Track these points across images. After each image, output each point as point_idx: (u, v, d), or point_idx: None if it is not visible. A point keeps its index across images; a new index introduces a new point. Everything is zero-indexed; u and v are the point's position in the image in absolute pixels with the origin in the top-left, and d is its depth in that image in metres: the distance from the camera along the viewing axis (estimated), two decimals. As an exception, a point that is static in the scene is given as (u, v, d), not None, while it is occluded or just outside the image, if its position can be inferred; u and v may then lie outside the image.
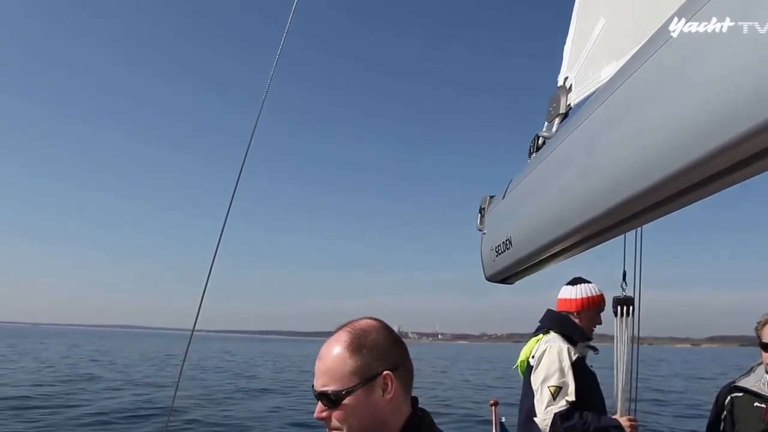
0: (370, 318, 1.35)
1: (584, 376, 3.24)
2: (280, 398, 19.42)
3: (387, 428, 1.27)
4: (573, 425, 3.04)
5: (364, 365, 1.24)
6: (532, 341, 3.42)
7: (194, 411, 14.59)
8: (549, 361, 3.16)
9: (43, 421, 12.64)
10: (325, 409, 1.26)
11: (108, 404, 15.55)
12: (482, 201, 2.26)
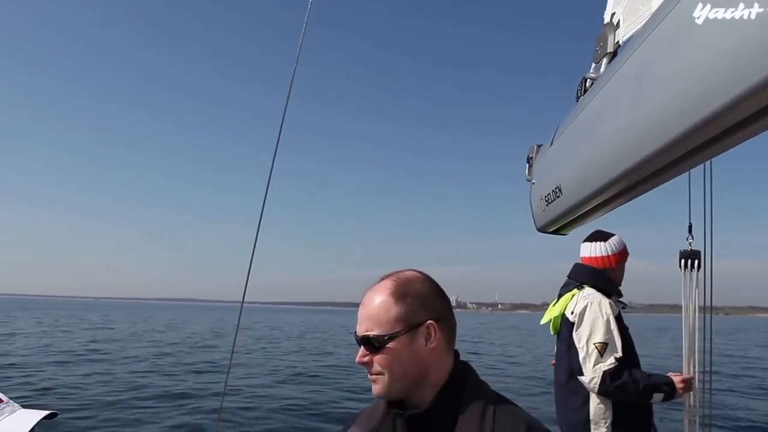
0: (414, 270, 1.35)
1: (625, 332, 3.17)
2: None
3: (429, 378, 1.28)
4: (623, 383, 2.96)
5: (408, 312, 1.26)
6: (566, 297, 3.32)
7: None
8: (593, 317, 3.08)
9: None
10: (367, 353, 1.28)
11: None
12: (530, 150, 2.22)
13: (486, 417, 1.22)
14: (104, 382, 14.45)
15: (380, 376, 1.28)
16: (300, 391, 14.08)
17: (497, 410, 1.23)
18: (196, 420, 10.10)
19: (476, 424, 1.21)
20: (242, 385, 14.34)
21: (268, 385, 15.09)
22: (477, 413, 1.23)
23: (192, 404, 11.71)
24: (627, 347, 3.10)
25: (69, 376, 15.21)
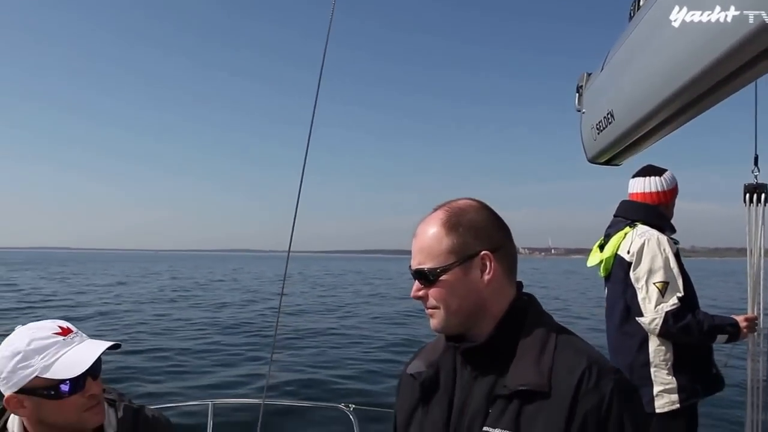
0: (469, 198, 1.31)
1: (684, 270, 3.04)
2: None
3: (487, 310, 1.24)
4: (687, 324, 2.84)
5: (460, 244, 1.23)
6: (618, 236, 3.16)
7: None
8: (651, 255, 2.93)
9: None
10: (421, 287, 1.26)
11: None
12: (579, 79, 2.14)
13: (546, 350, 1.18)
14: (184, 324, 16.76)
15: (436, 310, 1.25)
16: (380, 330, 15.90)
17: (559, 344, 1.19)
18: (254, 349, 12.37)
19: (534, 357, 1.17)
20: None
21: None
22: (536, 346, 1.19)
23: (253, 336, 14.36)
24: (687, 286, 2.96)
25: (158, 320, 17.57)
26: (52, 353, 1.40)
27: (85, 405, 1.44)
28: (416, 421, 1.31)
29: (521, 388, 1.14)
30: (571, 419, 1.09)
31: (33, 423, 1.46)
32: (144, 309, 20.93)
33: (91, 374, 1.44)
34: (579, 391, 1.11)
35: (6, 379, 1.39)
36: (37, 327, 1.46)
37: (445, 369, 1.30)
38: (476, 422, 1.18)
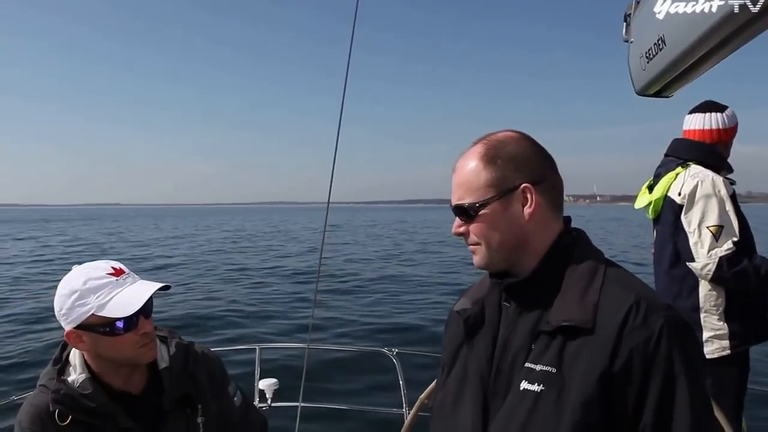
0: (510, 130, 1.26)
1: (740, 212, 2.86)
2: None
3: (530, 245, 1.21)
4: (743, 269, 2.69)
5: (499, 177, 1.19)
6: (669, 176, 2.99)
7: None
8: (705, 197, 2.77)
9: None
10: (462, 223, 1.24)
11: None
12: (627, 8, 2.00)
13: (592, 286, 1.14)
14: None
15: (478, 246, 1.23)
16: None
17: (607, 279, 1.15)
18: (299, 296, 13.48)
19: (579, 292, 1.14)
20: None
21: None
22: (582, 281, 1.15)
23: (297, 284, 15.55)
24: (743, 229, 2.80)
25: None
26: (106, 293, 1.48)
27: (139, 342, 1.53)
28: (461, 358, 1.31)
29: (564, 324, 1.11)
30: (615, 356, 1.05)
31: (92, 357, 1.56)
32: (197, 259, 22.10)
33: (143, 313, 1.52)
34: (625, 327, 1.07)
35: (65, 315, 1.48)
36: (92, 267, 1.53)
37: (490, 306, 1.29)
38: (519, 358, 1.16)
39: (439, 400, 1.35)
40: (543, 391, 1.09)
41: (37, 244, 31.36)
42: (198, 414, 1.65)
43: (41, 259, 22.81)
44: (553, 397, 1.08)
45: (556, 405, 1.07)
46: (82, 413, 1.50)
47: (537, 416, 1.09)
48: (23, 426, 1.51)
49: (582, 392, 1.05)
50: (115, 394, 1.56)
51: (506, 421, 1.13)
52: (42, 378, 1.57)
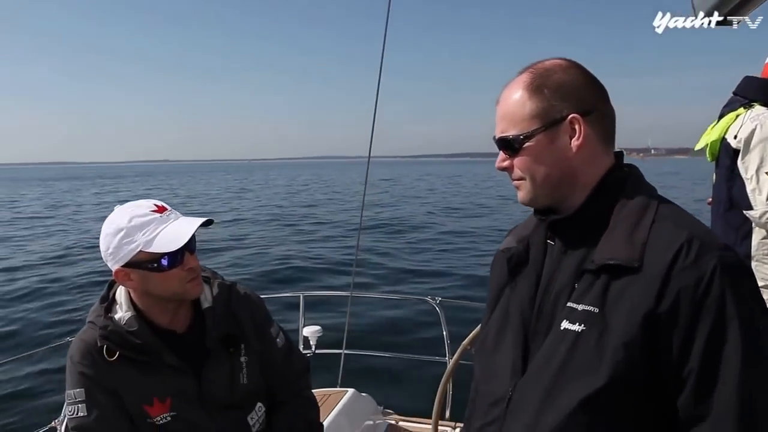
0: (558, 58, 1.18)
1: None
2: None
3: (577, 180, 1.14)
4: None
5: (545, 107, 1.12)
6: (729, 117, 2.82)
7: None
8: (763, 141, 2.60)
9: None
10: (506, 157, 1.18)
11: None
12: None
13: (642, 223, 1.07)
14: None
15: (522, 182, 1.17)
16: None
17: (659, 216, 1.07)
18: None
19: (627, 230, 1.07)
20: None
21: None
22: (631, 219, 1.08)
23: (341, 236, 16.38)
24: None
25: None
26: (152, 229, 1.49)
27: (186, 277, 1.55)
28: (504, 297, 1.28)
29: (609, 262, 1.04)
30: (662, 297, 0.99)
31: (140, 294, 1.58)
32: (246, 209, 22.81)
33: (188, 249, 1.53)
34: (674, 266, 0.99)
35: (112, 254, 1.50)
36: (135, 205, 1.54)
37: (535, 244, 1.25)
38: (561, 298, 1.12)
39: (481, 339, 1.33)
40: (584, 331, 1.04)
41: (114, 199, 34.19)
42: (241, 353, 1.67)
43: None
44: (593, 337, 1.03)
45: (597, 346, 1.02)
46: (129, 349, 1.53)
47: (576, 356, 1.05)
48: (74, 360, 1.55)
49: (624, 333, 1.00)
50: (160, 332, 1.58)
51: (545, 360, 1.10)
52: (90, 315, 1.61)
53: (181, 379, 1.59)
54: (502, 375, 1.19)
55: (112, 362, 1.53)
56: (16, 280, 11.60)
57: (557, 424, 1.05)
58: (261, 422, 1.74)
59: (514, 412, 1.14)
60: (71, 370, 1.55)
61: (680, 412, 1.00)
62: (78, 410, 1.52)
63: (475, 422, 1.27)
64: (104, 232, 1.51)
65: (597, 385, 1.01)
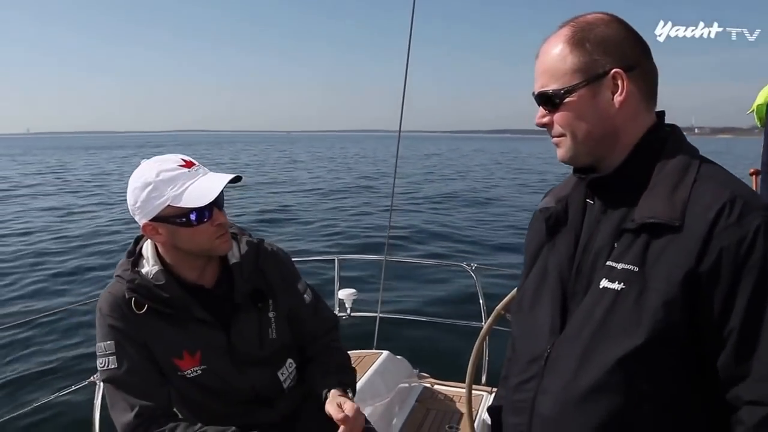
0: (600, 12, 1.13)
1: None
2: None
3: (619, 138, 1.10)
4: None
5: (588, 61, 1.07)
6: None
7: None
8: None
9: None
10: (545, 113, 1.14)
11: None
12: None
13: (683, 182, 1.04)
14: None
15: (562, 138, 1.14)
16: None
17: (700, 176, 1.04)
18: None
19: (668, 188, 1.04)
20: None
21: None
22: (672, 177, 1.05)
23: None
24: None
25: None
26: (180, 184, 1.45)
27: (215, 233, 1.52)
28: (542, 257, 1.25)
29: (650, 221, 1.02)
30: (703, 256, 0.97)
31: (168, 248, 1.56)
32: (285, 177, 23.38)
33: (216, 205, 1.50)
34: (716, 225, 0.97)
35: (140, 208, 1.47)
36: (162, 160, 1.51)
37: (574, 204, 1.23)
38: (600, 257, 1.10)
39: (518, 299, 1.32)
40: (623, 290, 1.03)
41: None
42: (269, 309, 1.65)
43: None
44: (633, 296, 1.01)
45: (636, 304, 1.01)
46: (158, 302, 1.52)
47: (615, 315, 1.03)
48: (103, 313, 1.55)
49: (665, 292, 0.98)
50: (188, 287, 1.57)
51: (584, 318, 1.08)
52: (117, 269, 1.59)
53: (211, 332, 1.58)
54: (540, 333, 1.18)
55: (141, 315, 1.52)
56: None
57: (595, 381, 1.04)
58: (292, 378, 1.73)
59: (551, 369, 1.14)
60: (101, 322, 1.55)
61: (720, 371, 0.99)
62: (108, 362, 1.52)
63: (512, 380, 1.27)
64: (132, 185, 1.48)
65: (636, 343, 1.00)
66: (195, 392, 1.61)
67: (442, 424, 2.97)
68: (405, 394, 3.25)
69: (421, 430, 2.92)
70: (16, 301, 8.03)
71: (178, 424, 1.52)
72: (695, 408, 1.03)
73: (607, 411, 1.04)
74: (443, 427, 2.94)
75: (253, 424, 1.57)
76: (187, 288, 1.56)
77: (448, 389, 3.38)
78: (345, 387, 1.63)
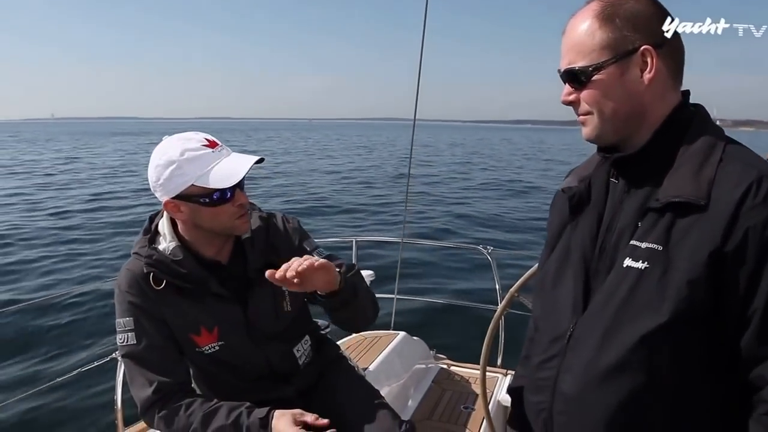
0: None
1: None
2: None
3: (646, 117, 1.08)
4: None
5: (617, 38, 1.04)
6: None
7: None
8: None
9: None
10: (572, 90, 1.11)
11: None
12: None
13: (709, 161, 1.02)
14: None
15: (589, 116, 1.11)
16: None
17: (726, 156, 1.02)
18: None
19: (694, 167, 1.02)
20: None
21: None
22: (698, 157, 1.03)
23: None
24: None
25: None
26: (204, 164, 1.45)
27: (236, 213, 1.51)
28: (564, 236, 1.25)
29: (675, 199, 1.01)
30: (729, 235, 0.95)
31: (189, 227, 1.55)
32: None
33: (238, 185, 1.50)
34: (743, 205, 0.95)
35: (163, 185, 1.46)
36: (186, 138, 1.50)
37: (597, 183, 1.21)
38: (624, 236, 1.09)
39: (540, 278, 1.31)
40: (647, 269, 1.02)
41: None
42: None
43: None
44: (657, 274, 1.00)
45: (660, 283, 0.99)
46: (176, 277, 1.53)
47: (639, 294, 1.02)
48: (122, 289, 1.55)
49: (689, 271, 0.97)
50: (204, 263, 1.57)
51: (607, 297, 1.08)
52: (135, 246, 1.59)
53: (228, 307, 1.58)
54: (563, 312, 1.17)
55: (159, 291, 1.53)
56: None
57: (617, 359, 1.04)
58: (307, 355, 1.73)
59: (574, 348, 1.13)
60: (120, 299, 1.56)
61: (743, 351, 0.98)
62: (128, 338, 1.53)
63: (534, 358, 1.26)
64: (154, 162, 1.46)
65: (659, 321, 0.99)
66: (212, 368, 1.62)
67: (458, 404, 2.96)
68: (421, 375, 3.25)
69: (437, 410, 2.91)
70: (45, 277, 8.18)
71: (195, 400, 1.53)
72: (715, 387, 1.03)
73: (629, 389, 1.03)
74: (458, 408, 2.93)
75: (268, 400, 1.56)
76: (203, 264, 1.56)
77: (464, 371, 3.37)
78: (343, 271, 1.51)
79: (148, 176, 1.49)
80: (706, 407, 1.03)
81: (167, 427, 1.51)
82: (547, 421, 1.19)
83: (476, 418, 2.83)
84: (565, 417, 1.15)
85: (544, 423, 1.21)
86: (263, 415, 1.46)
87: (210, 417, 1.49)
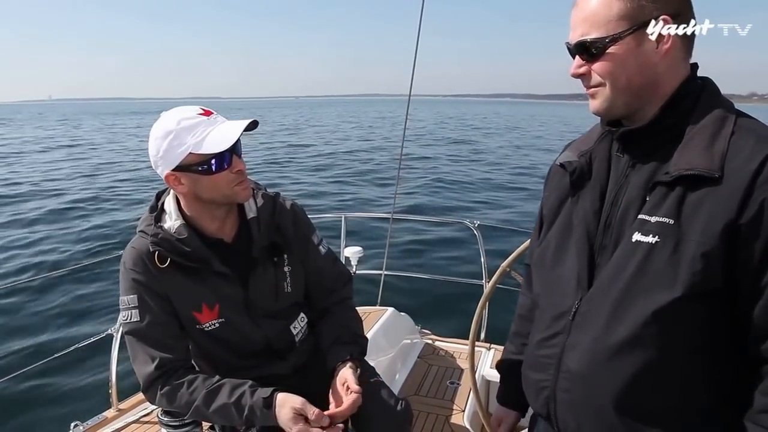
0: None
1: None
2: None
3: (657, 89, 1.03)
4: None
5: (635, 8, 0.99)
6: None
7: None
8: None
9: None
10: (583, 63, 1.05)
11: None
12: None
13: (720, 134, 0.98)
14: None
15: (600, 88, 1.06)
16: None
17: (738, 128, 0.98)
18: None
19: (705, 140, 0.98)
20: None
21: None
22: (709, 130, 0.99)
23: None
24: None
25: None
26: (200, 131, 1.42)
27: (235, 180, 1.48)
28: (564, 212, 1.20)
29: (687, 173, 0.96)
30: (744, 207, 0.91)
31: (190, 200, 1.53)
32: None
33: (235, 152, 1.47)
34: (758, 178, 0.91)
35: (162, 157, 1.43)
36: (182, 110, 1.47)
37: (599, 157, 1.16)
38: (631, 211, 1.05)
39: (539, 254, 1.26)
40: (658, 243, 0.97)
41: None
42: (285, 263, 1.63)
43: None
44: (669, 248, 0.96)
45: (672, 257, 0.96)
46: (180, 256, 1.51)
47: (649, 268, 0.98)
48: (127, 267, 1.53)
49: (702, 244, 0.93)
50: (208, 241, 1.56)
51: (615, 272, 1.03)
52: (140, 224, 1.57)
53: (229, 286, 1.56)
54: (566, 288, 1.14)
55: (163, 269, 1.50)
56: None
57: (628, 335, 1.01)
58: (303, 332, 1.71)
59: (580, 324, 1.10)
60: (124, 276, 1.53)
61: (754, 323, 0.95)
62: (131, 315, 1.51)
63: (536, 335, 1.23)
64: (153, 136, 1.43)
65: (673, 295, 0.95)
66: (212, 345, 1.60)
67: (444, 379, 2.95)
68: (408, 350, 3.23)
69: (424, 384, 2.89)
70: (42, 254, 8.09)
71: (198, 376, 1.51)
72: (726, 360, 1.00)
73: (640, 364, 1.01)
74: (444, 383, 2.90)
75: (266, 376, 1.55)
76: (207, 242, 1.54)
77: (448, 346, 3.36)
78: (356, 360, 1.58)
79: (149, 153, 1.45)
80: (715, 381, 1.01)
81: (169, 403, 1.49)
82: (549, 399, 1.16)
83: (462, 392, 2.82)
84: (570, 395, 1.12)
85: (546, 401, 1.17)
86: (267, 395, 1.43)
87: (213, 395, 1.46)
